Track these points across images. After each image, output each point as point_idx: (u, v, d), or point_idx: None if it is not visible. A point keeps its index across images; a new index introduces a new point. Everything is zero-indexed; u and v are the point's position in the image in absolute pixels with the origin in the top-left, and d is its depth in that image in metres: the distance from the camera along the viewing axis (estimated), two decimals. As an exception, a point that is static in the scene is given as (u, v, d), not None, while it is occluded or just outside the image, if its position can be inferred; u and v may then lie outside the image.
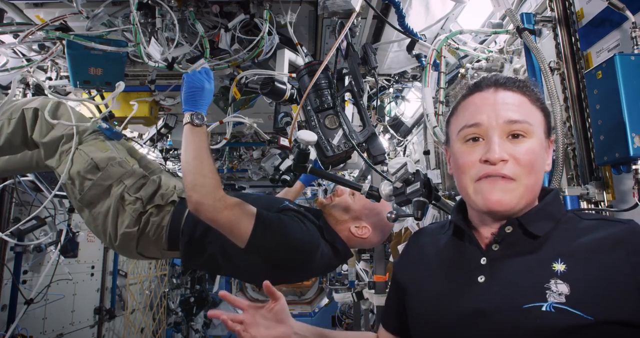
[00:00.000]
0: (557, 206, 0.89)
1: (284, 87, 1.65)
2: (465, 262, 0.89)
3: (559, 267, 0.77)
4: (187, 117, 1.54)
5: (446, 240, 0.98)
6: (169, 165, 4.57)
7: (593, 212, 1.39)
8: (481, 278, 0.84)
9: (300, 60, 1.97)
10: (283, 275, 1.77)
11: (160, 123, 3.16)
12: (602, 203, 1.39)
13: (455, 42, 2.03)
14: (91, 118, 1.96)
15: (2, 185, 2.66)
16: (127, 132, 3.60)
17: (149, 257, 1.89)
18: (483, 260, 0.86)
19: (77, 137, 1.81)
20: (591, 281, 0.74)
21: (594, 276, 0.74)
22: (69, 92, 2.75)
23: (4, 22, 1.98)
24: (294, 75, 1.74)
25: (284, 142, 2.04)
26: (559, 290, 0.74)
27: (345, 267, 4.69)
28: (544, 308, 0.74)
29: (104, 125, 1.89)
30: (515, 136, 0.83)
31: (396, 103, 3.54)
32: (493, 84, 0.88)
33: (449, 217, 1.02)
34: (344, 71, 1.71)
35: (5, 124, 1.85)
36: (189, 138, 1.53)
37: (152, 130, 3.29)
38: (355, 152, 1.58)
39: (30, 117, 1.84)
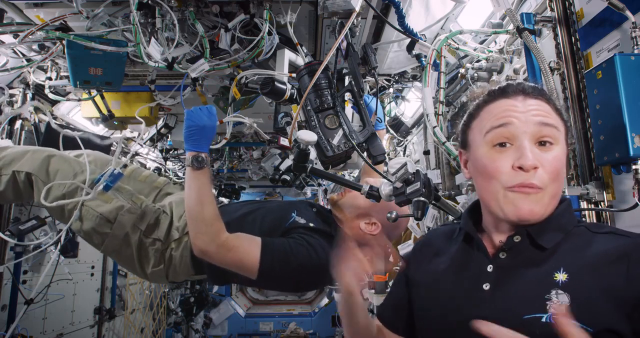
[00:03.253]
0: (568, 217, 0.89)
1: (284, 87, 1.65)
2: (472, 268, 0.90)
3: (561, 276, 0.78)
4: (187, 159, 1.55)
5: (457, 246, 0.98)
6: (169, 165, 4.57)
7: (587, 210, 1.39)
8: (486, 286, 0.84)
9: (300, 60, 1.96)
10: (303, 287, 1.80)
11: (160, 123, 3.16)
12: (602, 203, 1.39)
13: (455, 42, 2.03)
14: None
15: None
16: (127, 132, 3.60)
17: (181, 281, 1.93)
18: (489, 268, 0.86)
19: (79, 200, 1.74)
20: (592, 292, 0.74)
21: (594, 287, 0.75)
22: (69, 92, 2.76)
23: (4, 22, 1.98)
24: (294, 75, 1.73)
25: (284, 142, 2.04)
26: (559, 300, 0.75)
27: (345, 267, 4.68)
28: (543, 320, 0.74)
29: (100, 186, 1.77)
30: (542, 143, 0.83)
31: (396, 103, 3.54)
32: (521, 91, 0.88)
33: (449, 217, 1.02)
34: (344, 71, 1.70)
35: None
36: (190, 182, 1.54)
37: (152, 130, 3.29)
38: (355, 152, 1.58)
39: (22, 181, 1.82)
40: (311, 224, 1.69)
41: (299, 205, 1.87)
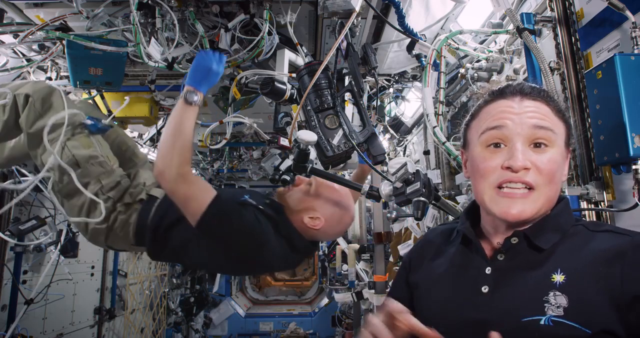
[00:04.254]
0: (566, 217, 0.88)
1: (284, 87, 1.65)
2: (471, 270, 0.90)
3: (559, 278, 0.77)
4: (182, 92, 1.57)
5: (455, 248, 0.98)
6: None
7: (587, 210, 1.39)
8: (485, 289, 0.84)
9: (300, 60, 1.97)
10: (241, 266, 1.82)
11: (160, 123, 3.16)
12: (602, 203, 1.39)
13: (455, 42, 2.03)
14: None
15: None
16: (127, 132, 3.60)
17: (118, 249, 1.93)
18: (488, 270, 0.86)
19: (65, 131, 1.78)
20: (589, 293, 0.74)
21: (591, 288, 0.74)
22: (69, 92, 2.75)
23: (4, 22, 1.98)
24: (294, 75, 1.74)
25: (284, 142, 2.04)
26: (557, 302, 0.75)
27: (345, 267, 4.68)
28: (542, 322, 0.74)
29: (89, 121, 1.85)
30: (537, 145, 0.83)
31: (396, 103, 3.54)
32: (519, 92, 0.88)
33: (449, 217, 1.02)
34: (344, 71, 1.71)
35: (0, 111, 1.85)
36: (176, 113, 1.56)
37: (152, 130, 3.29)
38: (355, 152, 1.58)
39: (21, 103, 1.83)
40: (261, 206, 1.72)
41: (252, 192, 1.90)
